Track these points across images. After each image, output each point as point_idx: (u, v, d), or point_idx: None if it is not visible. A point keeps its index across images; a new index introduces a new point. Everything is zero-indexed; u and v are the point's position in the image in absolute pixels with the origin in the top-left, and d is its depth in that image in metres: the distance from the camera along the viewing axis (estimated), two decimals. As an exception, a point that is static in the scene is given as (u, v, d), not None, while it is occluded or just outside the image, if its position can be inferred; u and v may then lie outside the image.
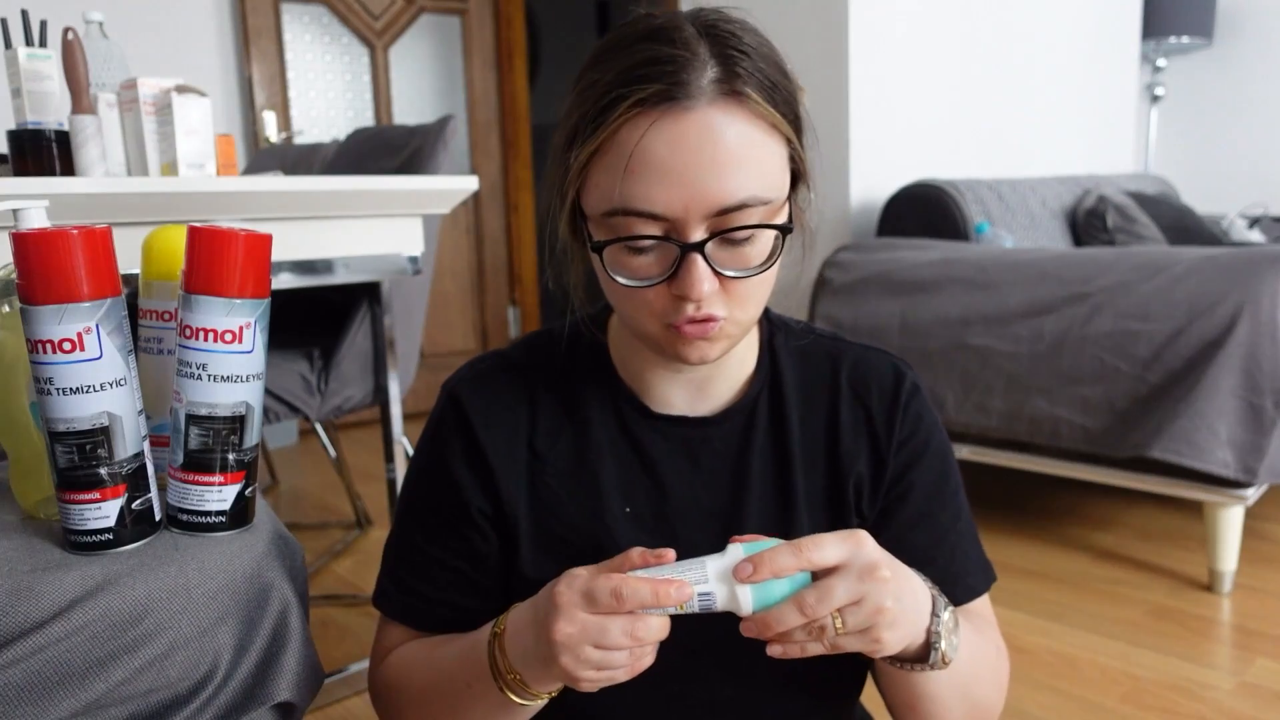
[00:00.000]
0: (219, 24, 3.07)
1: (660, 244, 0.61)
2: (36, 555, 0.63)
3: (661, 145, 0.59)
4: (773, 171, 0.62)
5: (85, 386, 0.61)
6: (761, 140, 0.61)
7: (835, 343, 0.78)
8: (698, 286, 0.60)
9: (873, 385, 0.75)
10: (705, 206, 0.59)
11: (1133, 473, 1.89)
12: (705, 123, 0.59)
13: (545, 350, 0.77)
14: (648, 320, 0.65)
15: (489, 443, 0.73)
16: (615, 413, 0.74)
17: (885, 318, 2.22)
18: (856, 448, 0.74)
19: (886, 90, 2.70)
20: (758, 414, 0.75)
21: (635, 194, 0.59)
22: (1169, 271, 1.87)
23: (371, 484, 2.58)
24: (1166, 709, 1.43)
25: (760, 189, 0.60)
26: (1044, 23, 3.25)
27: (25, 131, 1.24)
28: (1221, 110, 3.87)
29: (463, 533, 0.74)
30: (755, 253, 0.63)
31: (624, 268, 0.63)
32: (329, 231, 1.40)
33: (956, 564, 0.75)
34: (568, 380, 0.76)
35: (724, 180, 0.59)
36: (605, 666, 0.59)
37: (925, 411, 0.76)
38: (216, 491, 0.68)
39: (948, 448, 0.78)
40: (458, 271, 3.74)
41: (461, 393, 0.75)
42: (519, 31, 3.78)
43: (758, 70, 0.61)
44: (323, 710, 1.52)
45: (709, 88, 0.59)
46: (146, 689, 0.61)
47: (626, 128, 0.59)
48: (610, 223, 0.62)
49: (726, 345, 0.66)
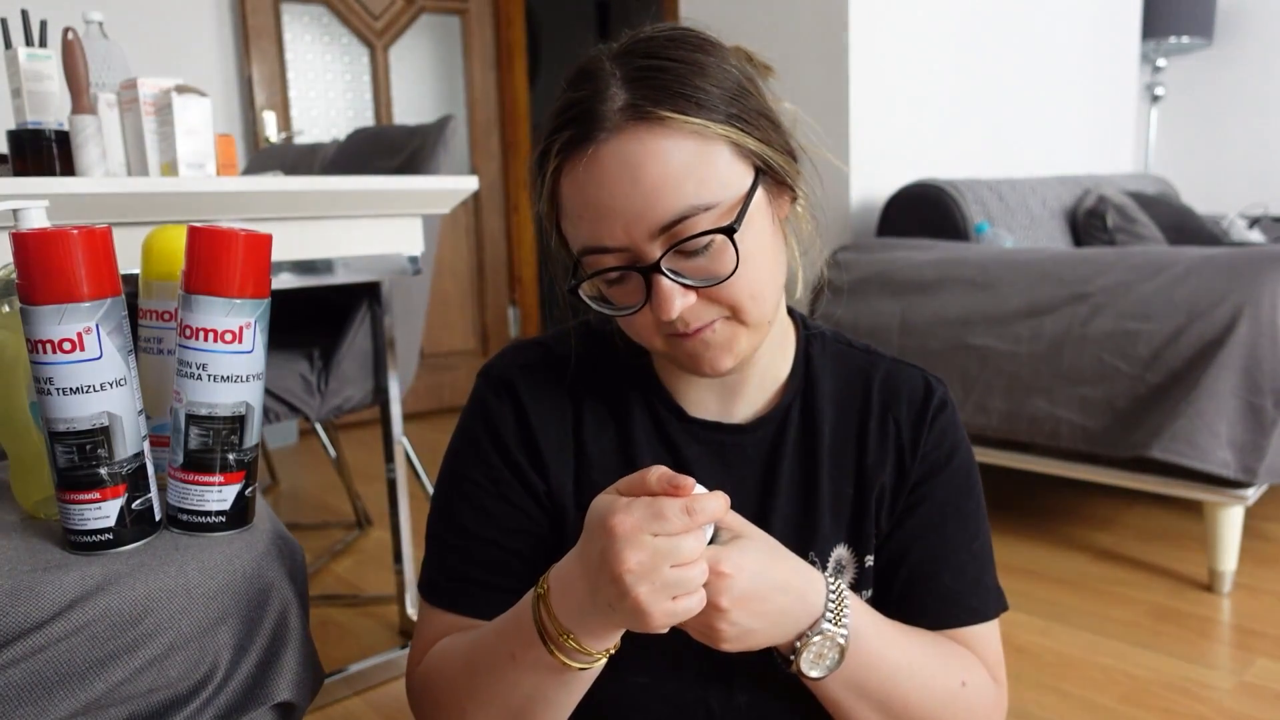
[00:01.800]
0: (219, 24, 3.07)
1: (628, 272, 0.63)
2: (36, 555, 0.63)
3: (590, 185, 0.61)
4: (710, 176, 0.61)
5: (85, 386, 0.62)
6: (689, 148, 0.61)
7: (869, 355, 0.79)
8: (666, 306, 0.62)
9: (903, 398, 0.76)
10: (645, 229, 0.61)
11: (1133, 473, 1.89)
12: (618, 153, 0.60)
13: (587, 346, 0.77)
14: (652, 339, 0.67)
15: (541, 430, 0.74)
16: (652, 414, 0.75)
17: (885, 318, 2.22)
18: (882, 459, 0.75)
19: (886, 90, 2.70)
20: (790, 421, 0.75)
21: (586, 235, 0.63)
22: (1169, 271, 1.87)
23: (371, 484, 2.58)
24: (1166, 709, 1.43)
25: (697, 197, 0.60)
26: (1044, 23, 3.25)
27: (25, 131, 1.24)
28: (1221, 110, 3.87)
29: (522, 510, 0.73)
30: (717, 257, 0.62)
31: (611, 298, 0.66)
32: (329, 231, 1.40)
33: (961, 585, 0.74)
34: (610, 377, 0.76)
35: (652, 200, 0.60)
36: (683, 590, 0.56)
37: (952, 427, 0.76)
38: (216, 491, 0.68)
39: (972, 467, 0.77)
40: (458, 271, 3.74)
41: (514, 378, 0.75)
42: (519, 31, 3.78)
43: (672, 82, 0.61)
44: (323, 710, 1.52)
45: (616, 117, 0.61)
46: (146, 689, 0.61)
47: (562, 179, 0.64)
48: (585, 262, 0.65)
49: (738, 348, 0.66)
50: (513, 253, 3.89)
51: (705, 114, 0.61)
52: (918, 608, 0.73)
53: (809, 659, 0.64)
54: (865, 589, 0.75)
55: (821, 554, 0.73)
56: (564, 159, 0.63)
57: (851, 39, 2.57)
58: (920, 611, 0.73)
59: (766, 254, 0.66)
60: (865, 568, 0.74)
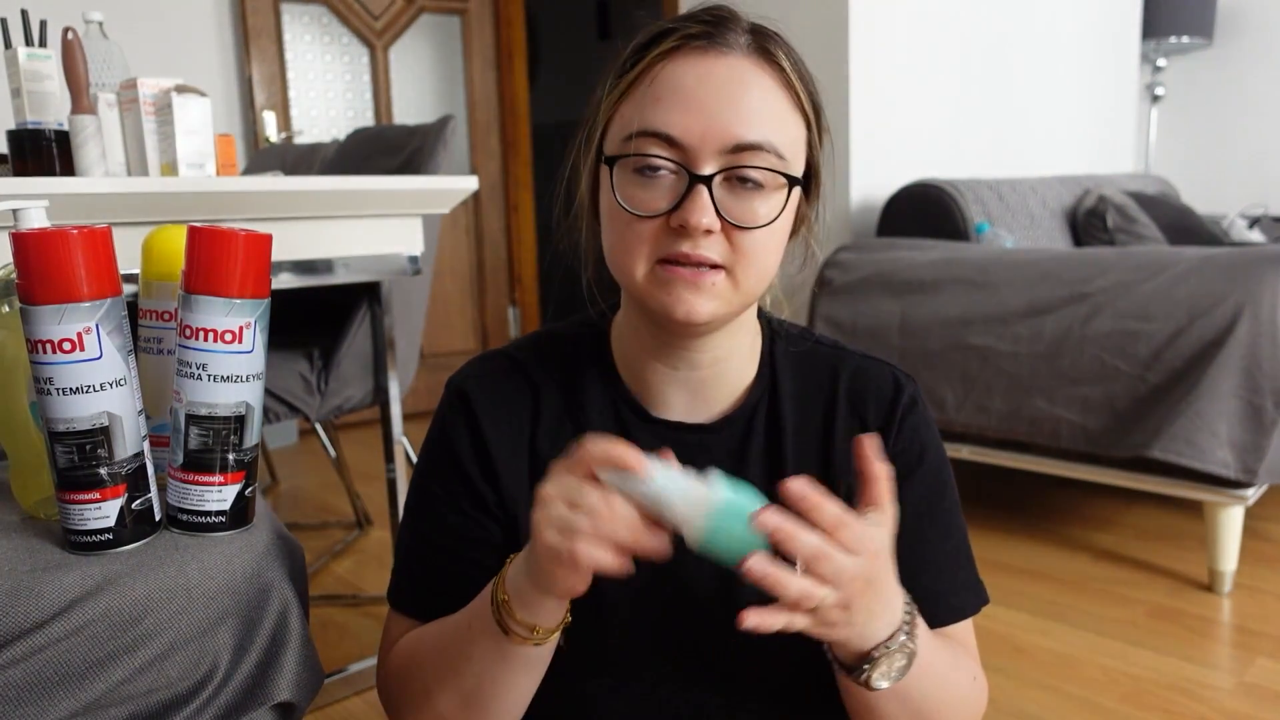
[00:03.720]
0: (219, 24, 3.07)
1: (670, 175, 0.63)
2: (36, 555, 0.63)
3: (690, 77, 0.63)
4: (790, 136, 0.65)
5: (85, 386, 0.62)
6: (784, 102, 0.65)
7: (836, 351, 0.78)
8: (698, 214, 0.62)
9: (870, 396, 0.75)
10: (721, 140, 0.62)
11: (1133, 473, 1.89)
12: (736, 66, 0.64)
13: (549, 350, 0.77)
14: (639, 261, 0.65)
15: (495, 441, 0.73)
16: (615, 415, 0.74)
17: (885, 318, 2.22)
18: (848, 459, 0.73)
19: (886, 90, 2.70)
20: (756, 423, 0.74)
21: (657, 118, 0.63)
22: (1169, 271, 1.87)
23: (371, 484, 2.58)
24: (1166, 709, 1.43)
25: (777, 140, 0.63)
26: (1044, 23, 3.25)
27: (25, 131, 1.24)
28: (1221, 110, 3.87)
29: (476, 521, 0.74)
30: (762, 205, 0.64)
31: (630, 200, 0.64)
32: (329, 231, 1.40)
33: (942, 583, 0.74)
34: (570, 381, 0.76)
35: (744, 118, 0.62)
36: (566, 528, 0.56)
37: (922, 425, 0.75)
38: (216, 491, 0.68)
39: (944, 464, 0.76)
40: (458, 271, 3.74)
41: (469, 389, 0.75)
42: (519, 31, 3.78)
43: (790, 52, 0.67)
44: (323, 710, 1.52)
45: (745, 42, 0.65)
46: (146, 689, 0.61)
47: (666, 63, 0.64)
48: (627, 147, 0.64)
49: (718, 307, 0.65)
50: (513, 253, 3.89)
51: (803, 87, 0.67)
52: None
53: (882, 670, 0.62)
54: None
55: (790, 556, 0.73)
56: (681, 48, 0.64)
57: (852, 39, 2.57)
58: None
59: (781, 240, 0.67)
60: None
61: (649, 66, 0.65)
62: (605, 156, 0.66)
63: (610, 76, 0.68)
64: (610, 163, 0.65)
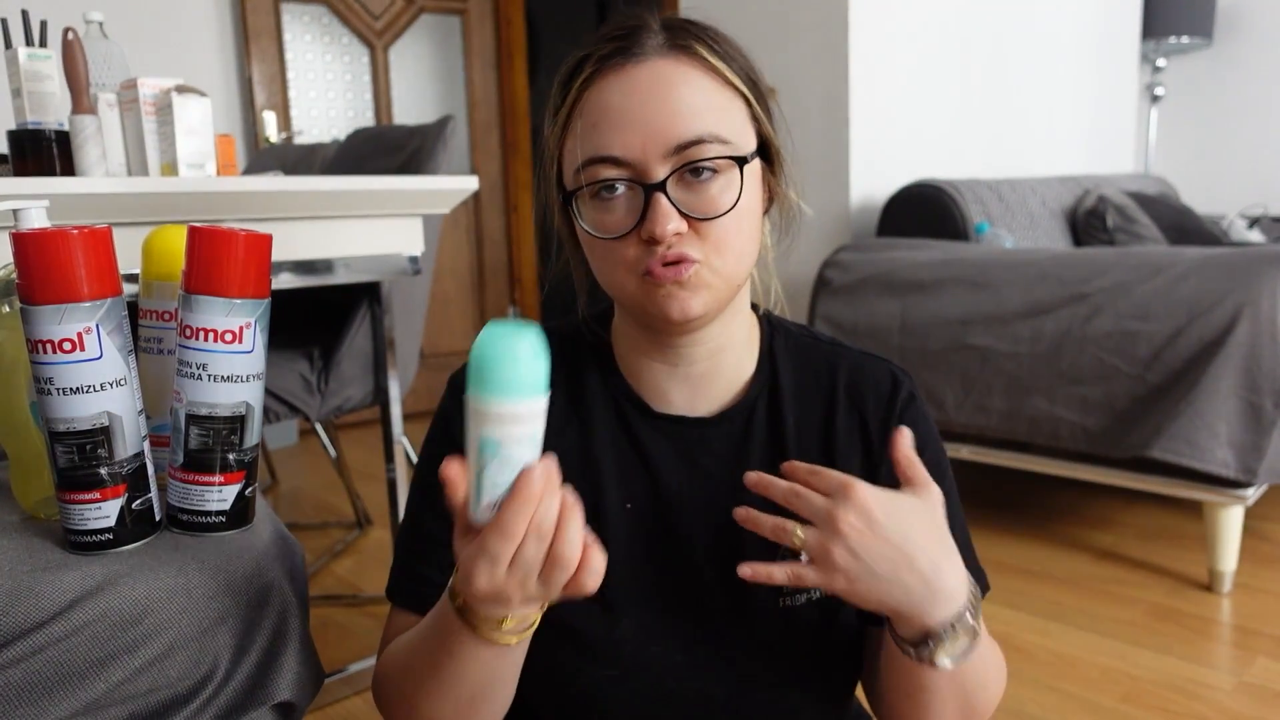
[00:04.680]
0: (219, 24, 3.07)
1: (628, 192, 0.65)
2: (36, 555, 0.63)
3: (615, 95, 0.65)
4: (730, 120, 0.66)
5: (85, 386, 0.62)
6: (714, 88, 0.66)
7: (834, 348, 0.79)
8: (662, 223, 0.63)
9: (868, 392, 0.75)
10: (662, 145, 0.63)
11: (1133, 473, 1.89)
12: (655, 69, 0.65)
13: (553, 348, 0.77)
14: (625, 276, 0.67)
15: None
16: (616, 410, 0.75)
17: (885, 318, 2.22)
18: (850, 453, 0.74)
19: (886, 90, 2.70)
20: (755, 417, 0.75)
21: (597, 143, 0.65)
22: (1169, 272, 1.87)
23: (371, 484, 2.58)
24: (1166, 709, 1.43)
25: (717, 128, 0.64)
26: (1044, 23, 3.25)
27: (25, 131, 1.24)
28: (1221, 110, 3.87)
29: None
30: (719, 193, 0.65)
31: (598, 226, 0.66)
32: (329, 231, 1.40)
33: None
34: (573, 377, 0.76)
35: (677, 118, 0.64)
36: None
37: (920, 420, 0.76)
38: (216, 491, 0.68)
39: (942, 457, 0.77)
40: (458, 271, 3.74)
41: None
42: (519, 31, 3.78)
43: (706, 35, 0.67)
44: (323, 710, 1.52)
45: (658, 42, 0.66)
46: (146, 689, 0.61)
47: (590, 89, 0.66)
48: (581, 179, 0.66)
49: (708, 299, 0.66)
50: (513, 253, 3.89)
51: (730, 67, 0.67)
52: None
53: (946, 649, 0.64)
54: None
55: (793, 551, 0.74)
56: (600, 70, 0.66)
57: (851, 39, 2.57)
58: None
59: (753, 219, 0.68)
60: None
61: (577, 97, 0.66)
62: (564, 193, 0.68)
63: (548, 115, 0.70)
64: (570, 197, 0.67)
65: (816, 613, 0.73)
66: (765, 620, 0.72)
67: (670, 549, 0.73)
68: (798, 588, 0.73)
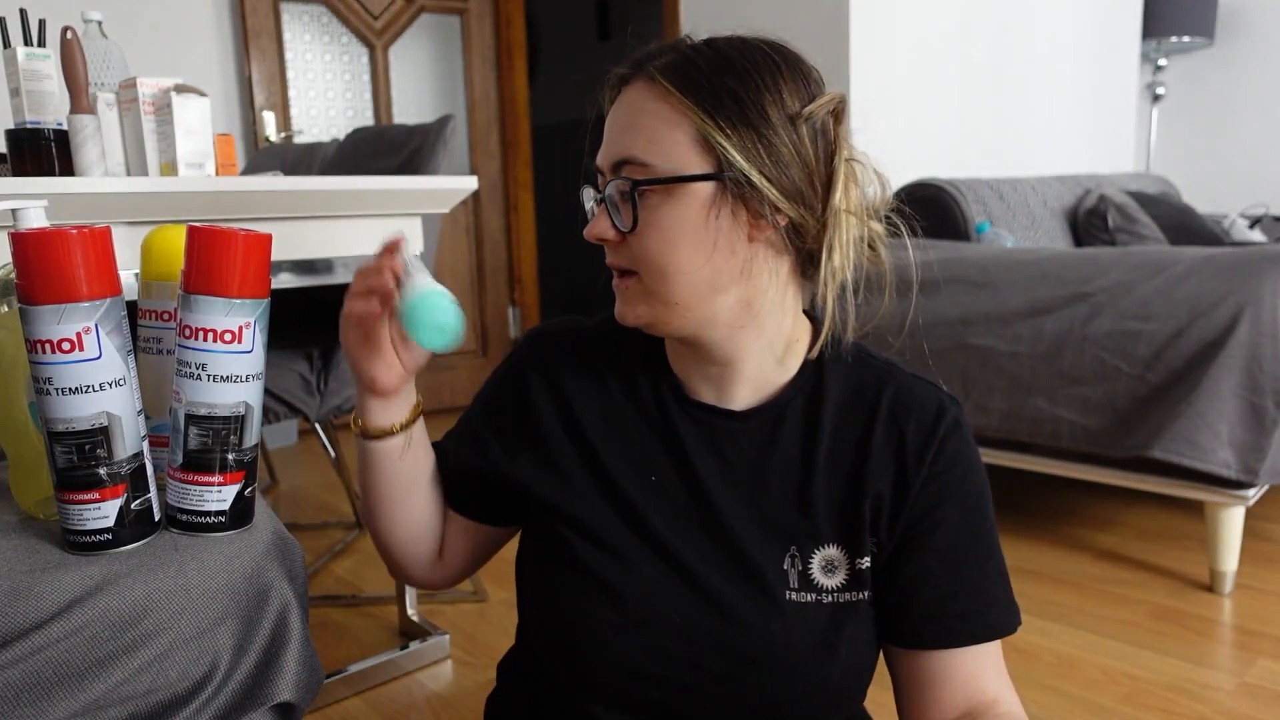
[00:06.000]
0: (219, 24, 3.07)
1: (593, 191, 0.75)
2: (36, 555, 0.63)
3: (609, 116, 0.74)
4: (661, 144, 0.68)
5: (84, 386, 0.61)
6: (657, 113, 0.69)
7: (888, 367, 0.81)
8: (587, 229, 0.72)
9: (912, 413, 0.76)
10: (609, 161, 0.71)
11: (1133, 473, 1.89)
12: (631, 94, 0.71)
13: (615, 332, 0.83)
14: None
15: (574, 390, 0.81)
16: (655, 392, 0.80)
17: (885, 318, 2.22)
18: (882, 468, 0.75)
19: (887, 90, 2.70)
20: (787, 418, 0.77)
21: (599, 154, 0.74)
22: (1170, 271, 1.87)
23: (371, 484, 2.58)
24: (1167, 709, 1.43)
25: (642, 152, 0.69)
26: (1045, 22, 3.25)
27: (24, 131, 1.24)
28: (1222, 110, 3.86)
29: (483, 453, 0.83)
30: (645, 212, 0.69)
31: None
32: (329, 231, 1.40)
33: (979, 601, 0.76)
34: (630, 362, 0.82)
35: (618, 139, 0.71)
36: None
37: (964, 448, 0.76)
38: (216, 491, 0.68)
39: (984, 488, 0.78)
40: (458, 271, 3.74)
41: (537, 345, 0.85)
42: (519, 31, 3.78)
43: (682, 61, 0.70)
44: (322, 710, 1.52)
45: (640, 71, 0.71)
46: (146, 689, 0.60)
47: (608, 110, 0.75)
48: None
49: (646, 312, 0.72)
50: (513, 253, 3.88)
51: (686, 93, 0.68)
52: (938, 630, 0.75)
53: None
54: (861, 590, 0.76)
55: (805, 550, 0.75)
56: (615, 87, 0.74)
57: (852, 39, 2.57)
58: (939, 633, 0.75)
59: (687, 241, 0.69)
60: (859, 570, 0.75)
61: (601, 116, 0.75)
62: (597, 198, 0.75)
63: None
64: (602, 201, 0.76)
65: (825, 613, 0.74)
66: (769, 612, 0.73)
67: (688, 523, 0.76)
68: (806, 586, 0.74)
